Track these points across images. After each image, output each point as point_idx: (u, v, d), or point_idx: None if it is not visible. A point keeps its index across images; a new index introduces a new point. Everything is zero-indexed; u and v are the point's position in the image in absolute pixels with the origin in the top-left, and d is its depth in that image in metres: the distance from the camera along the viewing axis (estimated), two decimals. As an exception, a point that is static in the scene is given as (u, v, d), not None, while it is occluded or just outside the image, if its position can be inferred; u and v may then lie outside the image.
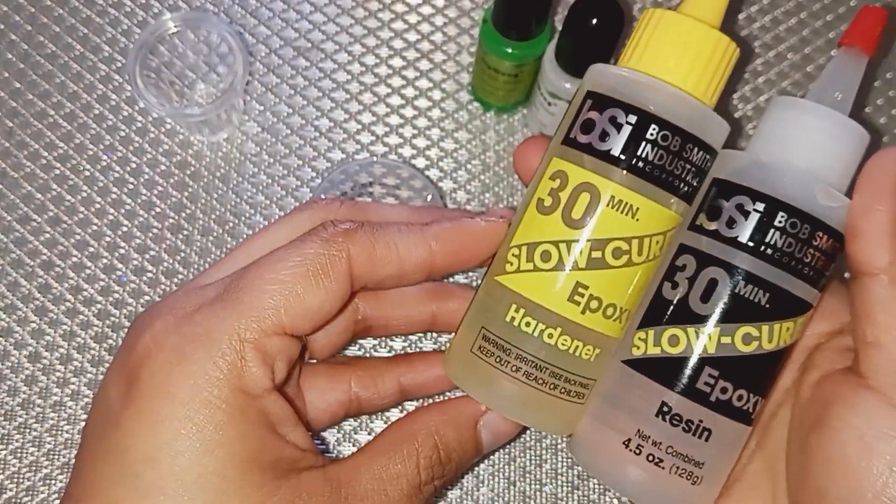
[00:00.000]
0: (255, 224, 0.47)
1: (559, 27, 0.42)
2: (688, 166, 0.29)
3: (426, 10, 0.52)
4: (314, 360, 0.35)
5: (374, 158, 0.48)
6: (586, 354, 0.29)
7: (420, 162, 0.49)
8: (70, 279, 0.46)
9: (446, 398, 0.34)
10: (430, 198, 0.45)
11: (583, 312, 0.29)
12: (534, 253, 0.29)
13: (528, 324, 0.29)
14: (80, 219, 0.47)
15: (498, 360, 0.29)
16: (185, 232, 0.47)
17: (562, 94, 0.44)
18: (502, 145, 0.49)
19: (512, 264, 0.30)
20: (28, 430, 0.44)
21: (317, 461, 0.29)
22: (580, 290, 0.29)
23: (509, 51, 0.44)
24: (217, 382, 0.26)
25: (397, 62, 0.51)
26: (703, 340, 0.29)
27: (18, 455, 0.43)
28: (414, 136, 0.49)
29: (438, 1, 0.52)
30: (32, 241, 0.46)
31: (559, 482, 0.44)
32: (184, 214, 0.47)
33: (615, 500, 0.44)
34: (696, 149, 0.29)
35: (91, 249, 0.46)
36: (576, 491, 0.44)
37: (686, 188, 0.29)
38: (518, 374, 0.29)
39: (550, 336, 0.29)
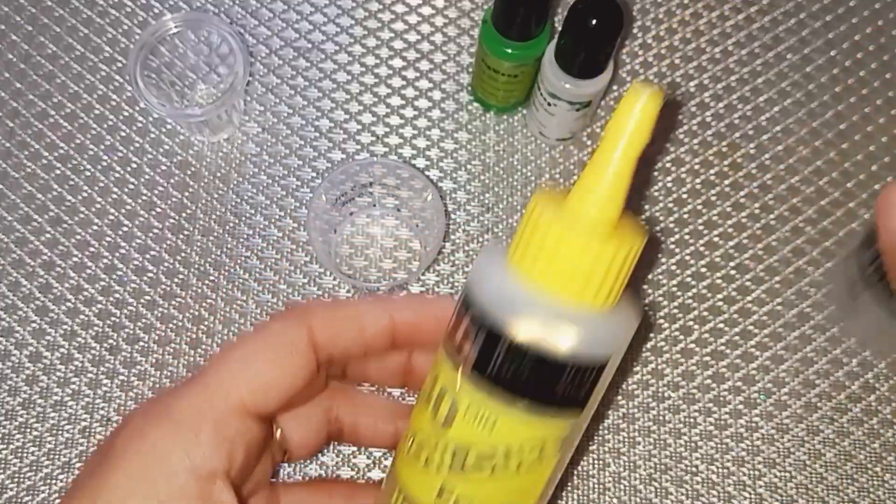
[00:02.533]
0: (256, 224, 0.47)
1: (559, 27, 0.42)
2: (555, 377, 0.26)
3: (426, 10, 0.51)
4: (294, 461, 0.34)
5: (375, 159, 0.47)
6: None
7: (420, 162, 0.48)
8: (71, 279, 0.45)
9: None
10: (429, 198, 0.45)
11: None
12: (411, 444, 0.28)
13: None
14: (81, 219, 0.46)
15: None
16: (186, 232, 0.46)
17: (561, 95, 0.44)
18: (502, 146, 0.49)
19: (402, 450, 0.29)
20: (29, 430, 0.43)
21: None
22: (445, 493, 0.27)
23: (509, 51, 0.43)
24: (165, 457, 0.26)
25: (397, 63, 0.50)
26: None
27: (19, 454, 0.42)
28: (414, 136, 0.49)
29: (438, 2, 0.51)
30: (33, 242, 0.45)
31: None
32: (184, 214, 0.46)
33: (615, 500, 0.43)
34: (568, 365, 0.26)
35: (92, 249, 0.46)
36: (575, 490, 0.44)
37: (557, 396, 0.27)
38: None
39: None
